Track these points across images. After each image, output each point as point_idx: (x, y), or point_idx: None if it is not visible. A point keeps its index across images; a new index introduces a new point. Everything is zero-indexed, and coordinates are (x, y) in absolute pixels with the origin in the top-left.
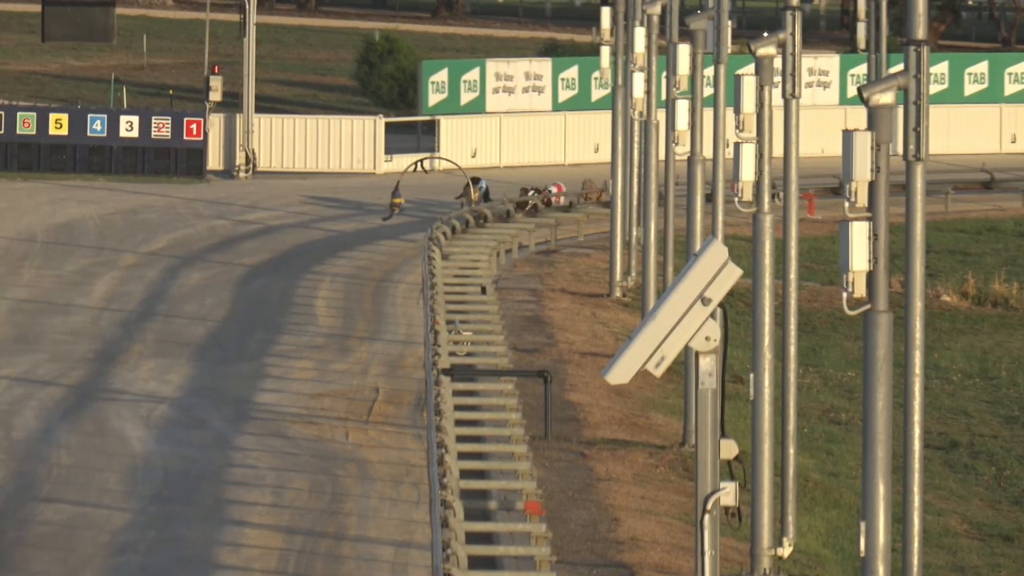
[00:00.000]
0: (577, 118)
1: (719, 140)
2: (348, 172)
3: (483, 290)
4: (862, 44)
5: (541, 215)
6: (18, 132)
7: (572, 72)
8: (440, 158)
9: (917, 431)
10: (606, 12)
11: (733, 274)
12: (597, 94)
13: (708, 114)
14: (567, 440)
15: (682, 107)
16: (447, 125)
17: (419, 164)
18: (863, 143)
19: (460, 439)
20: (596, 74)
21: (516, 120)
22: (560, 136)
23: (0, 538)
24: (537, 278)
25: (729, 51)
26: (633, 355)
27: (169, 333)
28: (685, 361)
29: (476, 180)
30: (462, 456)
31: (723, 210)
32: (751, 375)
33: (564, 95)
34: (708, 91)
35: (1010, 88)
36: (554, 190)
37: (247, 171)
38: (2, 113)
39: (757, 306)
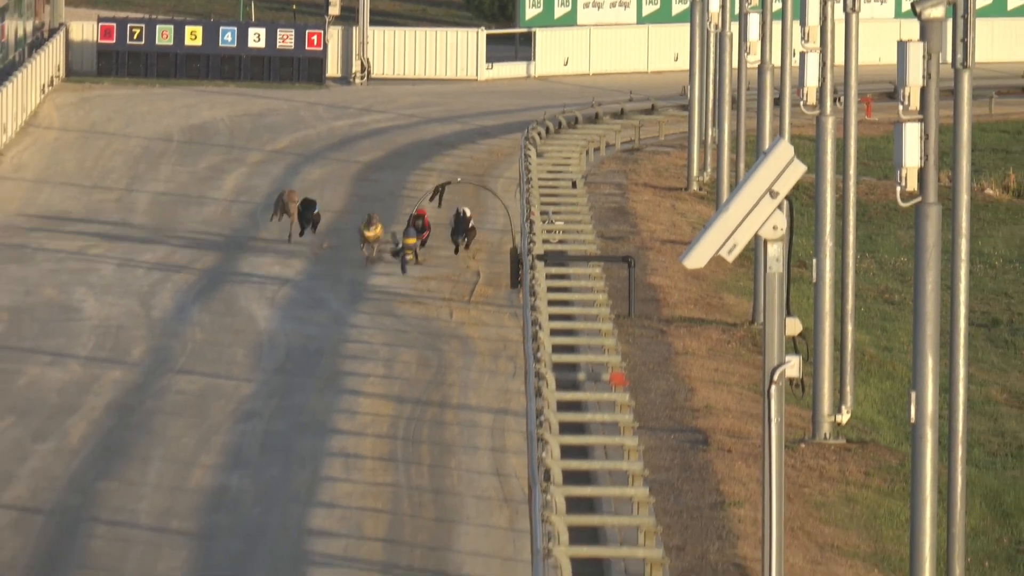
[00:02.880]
0: (658, 30)
1: (786, 50)
2: (453, 79)
3: (574, 184)
4: None
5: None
6: (157, 43)
7: None
8: (463, 181)
9: (962, 310)
10: None
11: (798, 170)
12: (677, 8)
13: (777, 26)
14: (648, 318)
15: (753, 20)
16: (542, 37)
17: (440, 191)
18: (916, 52)
19: (552, 317)
20: None
21: (604, 32)
22: (643, 47)
23: (140, 407)
24: (622, 173)
25: None
26: (708, 242)
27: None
28: (755, 248)
29: (310, 203)
30: (554, 333)
31: (789, 113)
32: (814, 260)
33: (647, 9)
34: (777, 6)
35: None
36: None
37: (362, 78)
38: (143, 26)
39: (819, 198)
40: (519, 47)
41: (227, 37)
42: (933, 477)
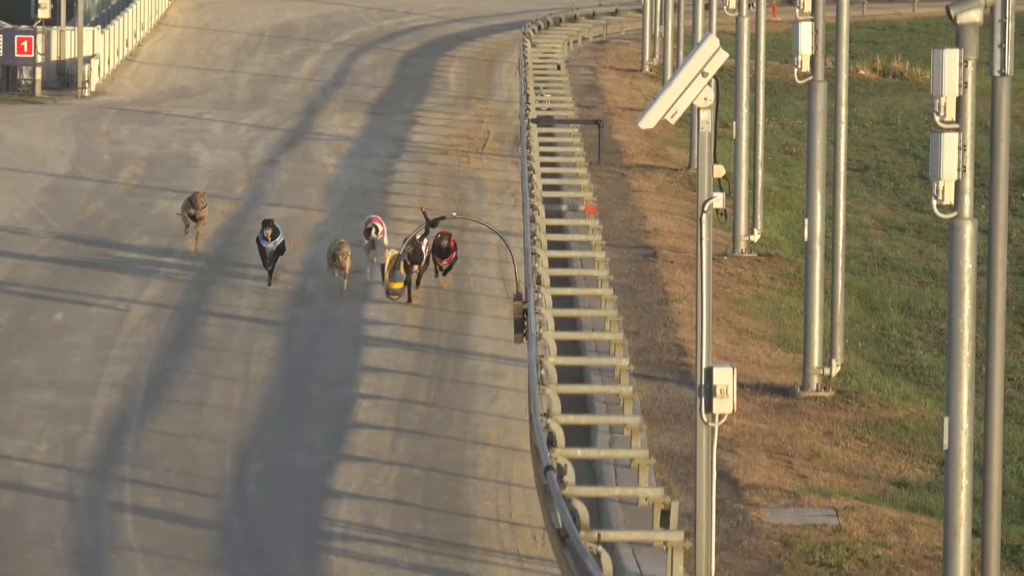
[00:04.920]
0: None
1: None
2: None
3: (558, 67)
4: None
5: (581, 22)
6: None
7: None
8: (463, 217)
9: (842, 158)
10: None
11: (722, 57)
12: None
13: None
14: (612, 165)
15: None
16: None
17: (435, 223)
18: None
19: (543, 164)
20: None
21: None
22: None
23: (241, 229)
24: (594, 59)
25: None
26: (657, 109)
27: (352, 95)
28: (690, 113)
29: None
30: (544, 176)
31: (716, 14)
32: (734, 122)
33: None
34: None
35: None
36: (379, 226)
37: None
38: None
39: (738, 77)
40: None
41: None
42: (820, 281)
